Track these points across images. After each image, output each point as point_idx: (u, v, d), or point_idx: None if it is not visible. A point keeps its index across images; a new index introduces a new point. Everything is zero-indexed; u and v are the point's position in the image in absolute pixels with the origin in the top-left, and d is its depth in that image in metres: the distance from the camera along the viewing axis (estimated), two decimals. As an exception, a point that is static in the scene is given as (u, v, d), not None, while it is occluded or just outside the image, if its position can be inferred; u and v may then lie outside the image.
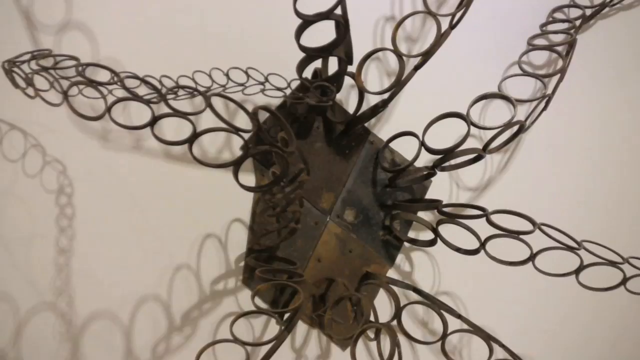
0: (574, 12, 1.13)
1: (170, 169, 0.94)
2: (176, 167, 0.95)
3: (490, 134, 0.84)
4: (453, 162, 0.90)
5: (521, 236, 0.77)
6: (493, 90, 0.84)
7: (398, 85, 0.88)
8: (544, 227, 0.77)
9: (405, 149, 1.05)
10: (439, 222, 0.92)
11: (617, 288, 0.76)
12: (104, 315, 0.91)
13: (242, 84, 0.93)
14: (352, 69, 0.88)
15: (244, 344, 0.69)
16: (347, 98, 1.04)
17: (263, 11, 0.98)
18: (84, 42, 0.90)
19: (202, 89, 0.89)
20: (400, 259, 1.07)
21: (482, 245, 0.81)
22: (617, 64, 1.21)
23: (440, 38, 0.83)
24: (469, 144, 0.85)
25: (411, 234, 1.07)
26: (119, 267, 0.92)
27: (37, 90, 0.65)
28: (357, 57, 0.86)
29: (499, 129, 0.83)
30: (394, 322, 0.86)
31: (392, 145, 1.03)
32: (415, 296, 1.00)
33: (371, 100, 0.98)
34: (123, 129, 0.62)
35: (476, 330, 0.90)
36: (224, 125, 0.60)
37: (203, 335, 0.95)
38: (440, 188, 1.10)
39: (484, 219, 0.81)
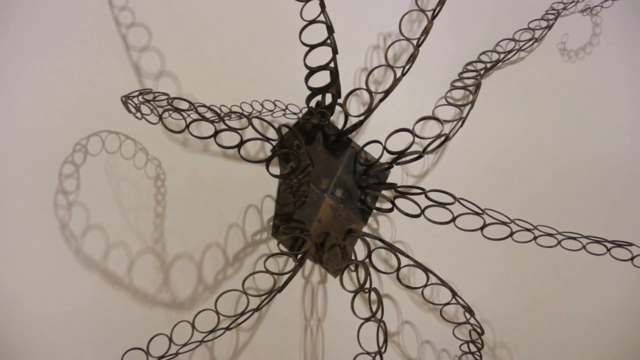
0: (480, 65, 1.12)
1: (226, 163, 0.94)
2: (230, 163, 0.94)
3: (427, 141, 0.84)
4: (404, 159, 0.90)
5: (446, 206, 0.77)
6: (429, 114, 0.83)
7: (369, 111, 0.87)
8: (461, 200, 0.77)
9: (374, 151, 1.04)
10: (395, 197, 0.92)
11: (506, 239, 0.76)
12: (184, 255, 0.91)
13: (271, 110, 0.93)
14: (340, 100, 0.88)
15: (272, 273, 0.70)
16: (337, 119, 1.04)
17: (284, 64, 0.97)
18: (172, 83, 0.90)
19: (246, 114, 0.89)
20: (371, 220, 1.07)
21: (422, 212, 0.81)
22: (507, 96, 1.21)
23: (396, 81, 0.82)
24: (414, 148, 0.85)
25: (378, 205, 1.07)
26: (193, 225, 0.92)
27: (143, 114, 0.65)
28: (343, 92, 0.86)
29: (433, 139, 0.83)
30: (367, 260, 0.86)
31: (366, 149, 1.02)
32: (380, 244, 1.00)
33: (352, 120, 0.97)
34: (197, 139, 0.62)
35: (418, 264, 0.90)
36: (259, 136, 0.60)
37: (246, 268, 0.96)
38: (395, 176, 1.09)
39: (423, 195, 0.81)
